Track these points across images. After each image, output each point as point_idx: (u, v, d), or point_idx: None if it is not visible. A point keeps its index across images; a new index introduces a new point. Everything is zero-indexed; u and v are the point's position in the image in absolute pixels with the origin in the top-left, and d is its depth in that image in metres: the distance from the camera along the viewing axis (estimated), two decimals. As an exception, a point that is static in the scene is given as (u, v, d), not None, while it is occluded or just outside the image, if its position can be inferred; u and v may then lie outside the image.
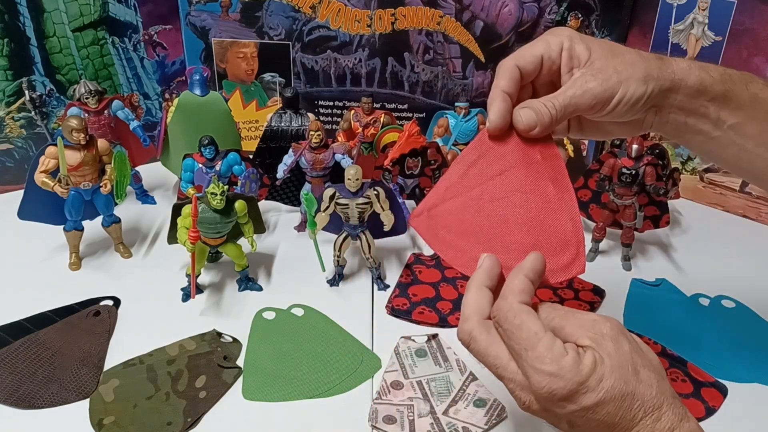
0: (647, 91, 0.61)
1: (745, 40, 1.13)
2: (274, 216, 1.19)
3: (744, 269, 1.08)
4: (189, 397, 0.80)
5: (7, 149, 1.22)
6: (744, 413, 0.81)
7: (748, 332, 0.94)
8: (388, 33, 1.26)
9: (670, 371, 0.86)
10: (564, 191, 0.61)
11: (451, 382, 0.83)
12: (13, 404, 0.79)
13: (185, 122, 1.15)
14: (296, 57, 1.29)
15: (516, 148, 0.62)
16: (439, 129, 1.25)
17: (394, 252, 1.09)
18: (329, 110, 1.34)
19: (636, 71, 0.61)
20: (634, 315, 0.97)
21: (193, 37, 1.28)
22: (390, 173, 1.10)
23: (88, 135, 0.96)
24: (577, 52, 0.62)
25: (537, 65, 0.63)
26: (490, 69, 1.28)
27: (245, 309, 0.96)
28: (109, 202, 1.03)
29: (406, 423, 0.77)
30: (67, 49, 1.20)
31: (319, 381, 0.84)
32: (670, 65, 0.62)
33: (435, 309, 0.96)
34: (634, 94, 0.60)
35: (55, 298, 0.95)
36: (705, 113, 0.64)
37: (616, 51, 0.62)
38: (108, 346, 0.88)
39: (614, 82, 0.60)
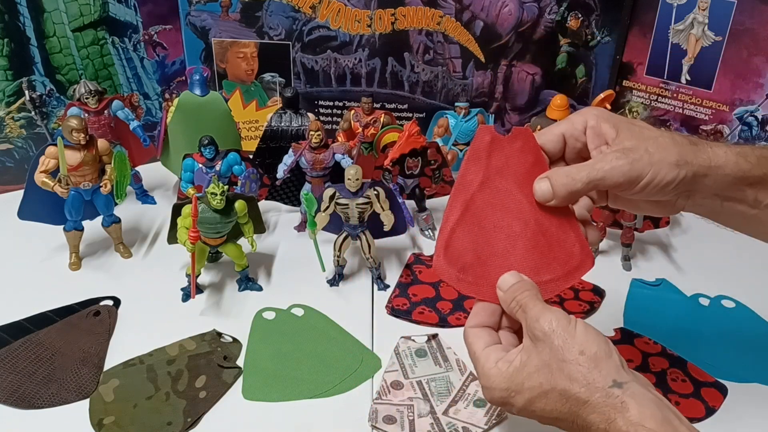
0: (679, 176, 0.59)
1: (745, 40, 1.13)
2: (274, 216, 1.19)
3: (744, 269, 1.08)
4: (189, 397, 0.80)
5: (7, 149, 1.22)
6: (744, 413, 0.81)
7: (748, 332, 0.94)
8: (388, 33, 1.26)
9: (670, 371, 0.86)
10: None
11: (451, 382, 0.83)
12: (13, 404, 0.79)
13: (185, 122, 1.15)
14: (296, 57, 1.29)
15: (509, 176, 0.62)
16: (439, 129, 1.25)
17: (394, 252, 1.09)
18: (329, 110, 1.34)
19: (669, 155, 0.59)
20: (634, 315, 0.97)
21: (193, 37, 1.28)
22: (390, 173, 1.10)
23: (88, 135, 0.96)
24: (603, 130, 0.61)
25: (559, 144, 0.63)
26: (490, 69, 1.28)
27: (245, 309, 0.96)
28: (109, 202, 1.03)
29: (406, 423, 0.77)
30: (67, 49, 1.20)
31: (319, 381, 0.84)
32: (705, 151, 0.61)
33: (435, 309, 0.96)
34: (664, 178, 0.59)
35: (55, 298, 0.95)
36: (742, 198, 0.63)
37: (647, 134, 0.61)
38: (108, 346, 0.88)
39: (645, 163, 0.59)
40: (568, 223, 0.62)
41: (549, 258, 0.61)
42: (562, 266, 0.62)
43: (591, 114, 0.63)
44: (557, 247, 0.62)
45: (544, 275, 0.61)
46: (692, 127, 1.24)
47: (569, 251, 0.62)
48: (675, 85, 1.23)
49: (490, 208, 0.62)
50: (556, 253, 0.62)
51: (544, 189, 0.60)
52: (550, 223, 0.62)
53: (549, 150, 0.63)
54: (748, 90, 1.16)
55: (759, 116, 1.16)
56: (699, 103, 1.21)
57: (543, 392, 0.54)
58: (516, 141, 0.63)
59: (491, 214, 0.62)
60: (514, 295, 0.58)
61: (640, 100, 1.27)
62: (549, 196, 0.60)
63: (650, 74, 1.25)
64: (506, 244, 0.61)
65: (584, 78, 1.29)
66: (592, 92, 1.29)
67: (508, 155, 0.63)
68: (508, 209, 0.62)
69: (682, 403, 0.81)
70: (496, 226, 0.61)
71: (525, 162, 0.62)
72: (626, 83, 1.28)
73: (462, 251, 0.60)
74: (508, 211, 0.62)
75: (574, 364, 0.53)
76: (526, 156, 0.62)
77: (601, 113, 0.62)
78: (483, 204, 0.62)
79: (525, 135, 0.63)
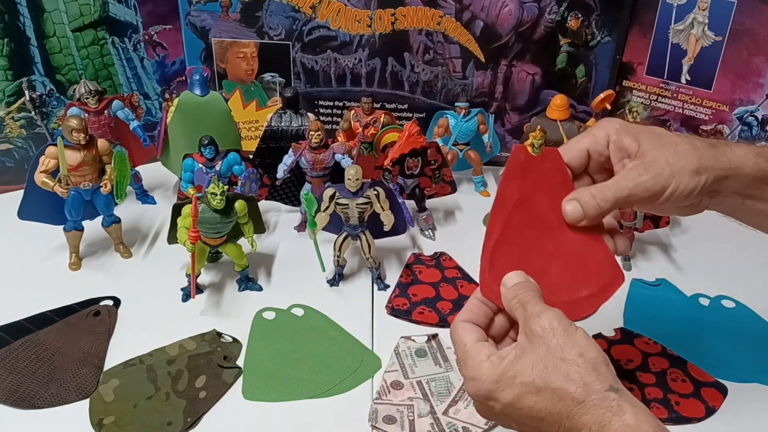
0: (700, 182, 0.60)
1: (745, 40, 1.13)
2: (274, 216, 1.19)
3: (744, 269, 1.08)
4: (189, 397, 0.80)
5: (7, 149, 1.22)
6: (744, 413, 0.81)
7: (748, 332, 0.94)
8: (388, 33, 1.26)
9: (670, 371, 0.86)
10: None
11: (451, 382, 0.83)
12: (13, 404, 0.79)
13: (185, 122, 1.15)
14: (296, 57, 1.29)
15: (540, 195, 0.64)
16: (439, 129, 1.25)
17: (394, 252, 1.09)
18: (329, 110, 1.34)
19: (688, 163, 0.60)
20: (634, 315, 0.97)
21: (193, 37, 1.28)
22: (390, 173, 1.10)
23: (88, 135, 0.96)
24: (625, 144, 0.62)
25: (583, 159, 0.64)
26: (490, 69, 1.28)
27: (245, 309, 0.96)
28: (109, 202, 1.03)
29: (406, 423, 0.77)
30: (67, 49, 1.20)
31: (319, 381, 0.84)
32: (725, 153, 0.62)
33: (435, 309, 0.96)
34: (687, 187, 0.60)
35: (55, 298, 0.95)
36: (762, 196, 0.64)
37: (667, 141, 0.61)
38: (108, 346, 0.88)
39: (667, 175, 0.60)
40: (594, 240, 0.63)
41: (582, 275, 0.62)
42: (595, 283, 0.62)
43: (612, 128, 0.63)
44: (587, 265, 0.63)
45: (581, 292, 0.62)
46: (692, 127, 1.24)
47: (600, 268, 0.63)
48: (675, 85, 1.23)
49: (525, 228, 0.63)
50: (587, 270, 0.63)
51: (574, 210, 0.61)
52: (578, 241, 0.63)
53: (574, 165, 0.64)
54: (748, 90, 1.16)
55: (759, 116, 1.16)
56: (699, 103, 1.21)
57: (535, 389, 0.53)
58: (546, 161, 0.64)
59: (527, 234, 0.63)
60: (517, 292, 0.58)
61: (640, 100, 1.27)
62: (579, 216, 0.61)
63: (650, 74, 1.25)
64: (543, 264, 0.62)
65: (584, 78, 1.29)
66: (592, 92, 1.29)
67: (540, 174, 0.64)
68: (541, 229, 0.63)
69: (682, 403, 0.81)
70: (531, 245, 0.63)
71: (554, 181, 0.64)
72: (626, 83, 1.28)
73: (505, 271, 0.61)
74: (542, 230, 0.63)
75: (572, 364, 0.52)
76: (554, 176, 0.64)
77: (621, 126, 0.63)
78: (519, 223, 0.63)
79: (554, 155, 0.64)
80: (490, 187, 1.31)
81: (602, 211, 0.61)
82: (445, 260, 1.08)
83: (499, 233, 0.62)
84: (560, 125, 1.14)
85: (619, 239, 0.65)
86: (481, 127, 1.25)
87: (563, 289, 0.61)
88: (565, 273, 0.62)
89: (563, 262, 0.62)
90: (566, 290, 0.61)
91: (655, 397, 0.82)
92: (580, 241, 0.63)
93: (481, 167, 1.28)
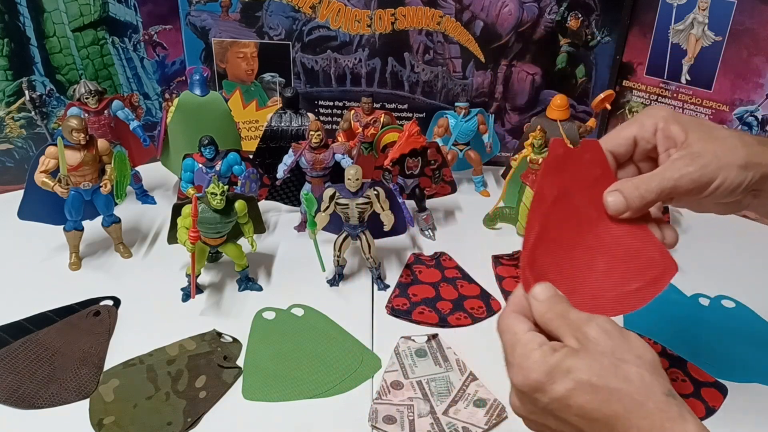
0: (747, 178, 0.59)
1: (745, 40, 1.13)
2: (274, 216, 1.19)
3: (744, 269, 1.08)
4: (189, 397, 0.80)
5: (7, 149, 1.22)
6: (744, 413, 0.81)
7: (748, 332, 0.94)
8: (388, 33, 1.26)
9: (670, 371, 0.86)
10: None
11: (451, 382, 0.83)
12: (13, 404, 0.79)
13: (185, 122, 1.15)
14: (296, 57, 1.29)
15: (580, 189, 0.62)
16: (439, 129, 1.25)
17: (394, 252, 1.09)
18: (329, 110, 1.34)
19: (737, 157, 0.59)
20: (634, 315, 0.96)
21: (193, 37, 1.28)
22: (390, 173, 1.10)
23: (88, 135, 0.96)
24: (673, 133, 0.60)
25: (629, 147, 0.63)
26: (490, 69, 1.28)
27: (245, 309, 0.96)
28: (109, 202, 1.03)
29: (406, 423, 0.77)
30: (67, 49, 1.20)
31: (319, 381, 0.84)
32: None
33: (435, 309, 0.96)
34: (734, 181, 0.59)
35: (55, 298, 0.95)
36: None
37: (715, 134, 0.60)
38: (108, 346, 0.88)
39: (713, 168, 0.58)
40: (641, 231, 0.62)
41: (630, 268, 0.61)
42: (645, 275, 0.61)
43: (660, 115, 0.62)
44: (635, 257, 0.61)
45: (631, 285, 0.60)
46: (692, 127, 1.24)
47: (649, 259, 0.61)
48: (675, 85, 1.23)
49: (566, 224, 0.61)
50: (636, 263, 0.61)
51: (617, 201, 0.60)
52: (623, 233, 0.61)
53: (619, 153, 0.63)
54: (748, 90, 1.16)
55: (759, 116, 1.16)
56: (699, 103, 1.21)
57: (591, 387, 0.49)
58: (585, 153, 0.62)
59: (568, 229, 0.61)
60: (552, 305, 0.55)
61: (640, 100, 1.27)
62: (623, 208, 0.60)
63: (650, 74, 1.25)
64: (586, 258, 0.61)
65: (584, 78, 1.29)
66: (592, 92, 1.29)
67: (578, 168, 0.62)
68: (582, 223, 0.61)
69: (682, 403, 0.81)
70: (572, 241, 0.61)
71: (593, 174, 0.62)
72: (626, 83, 1.28)
73: (546, 268, 0.60)
74: (583, 225, 0.61)
75: (631, 365, 0.50)
76: (594, 168, 0.62)
77: (670, 114, 0.61)
78: (559, 220, 0.61)
79: (593, 147, 0.63)
80: (490, 187, 1.30)
81: (646, 202, 0.59)
82: (445, 260, 1.08)
83: (538, 230, 0.60)
84: (560, 125, 1.14)
85: (667, 229, 0.63)
86: (481, 127, 1.25)
87: (611, 284, 0.60)
88: (612, 267, 0.60)
89: (609, 256, 0.60)
90: (614, 284, 0.60)
91: (655, 397, 0.82)
92: (626, 233, 0.61)
93: (481, 167, 1.28)
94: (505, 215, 1.17)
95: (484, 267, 1.06)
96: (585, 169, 0.62)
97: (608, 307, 0.59)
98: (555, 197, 0.61)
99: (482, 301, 0.99)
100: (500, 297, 1.00)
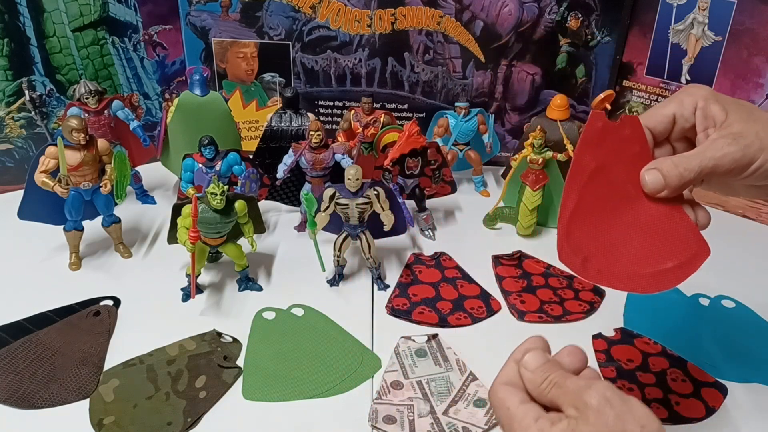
0: None
1: (745, 40, 1.13)
2: (274, 216, 1.19)
3: (744, 269, 1.08)
4: (189, 397, 0.80)
5: (7, 149, 1.22)
6: (744, 413, 0.81)
7: (748, 332, 0.94)
8: (388, 33, 1.26)
9: (670, 371, 0.86)
10: None
11: (451, 382, 0.83)
12: (13, 404, 0.79)
13: (185, 122, 1.15)
14: (296, 57, 1.29)
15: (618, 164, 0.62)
16: (439, 129, 1.25)
17: (394, 252, 1.09)
18: (329, 110, 1.34)
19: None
20: (634, 315, 0.97)
21: (193, 37, 1.28)
22: (390, 173, 1.10)
23: (88, 135, 0.96)
24: (713, 112, 0.60)
25: (668, 125, 0.62)
26: (490, 69, 1.28)
27: (245, 309, 0.96)
28: (109, 202, 1.03)
29: (406, 423, 0.77)
30: (67, 49, 1.20)
31: (319, 381, 0.84)
32: None
33: (435, 309, 0.96)
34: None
35: (55, 298, 0.95)
36: None
37: (757, 115, 0.59)
38: (108, 346, 0.88)
39: (756, 148, 0.57)
40: (676, 211, 0.61)
41: (666, 247, 0.60)
42: (679, 255, 0.61)
43: (700, 94, 0.60)
44: (671, 236, 0.61)
45: (666, 263, 0.60)
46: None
47: (684, 239, 0.61)
48: (675, 85, 1.23)
49: (602, 198, 0.61)
50: (671, 242, 0.61)
51: (655, 180, 0.59)
52: (659, 212, 0.61)
53: (658, 131, 0.62)
54: (748, 90, 1.16)
55: (759, 116, 1.16)
56: (699, 103, 1.21)
57: None
58: (624, 128, 0.61)
59: (604, 204, 0.61)
60: (545, 374, 0.54)
61: (640, 100, 1.27)
62: (660, 186, 0.59)
63: (650, 74, 1.25)
64: (622, 234, 0.60)
65: (584, 78, 1.29)
66: (592, 92, 1.29)
67: (617, 143, 0.61)
68: (619, 198, 0.61)
69: (682, 403, 0.81)
70: (610, 216, 0.61)
71: (631, 150, 0.61)
72: (626, 83, 1.28)
73: (582, 241, 0.59)
74: (619, 200, 0.61)
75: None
76: (632, 145, 0.61)
77: (710, 93, 0.60)
78: (595, 193, 0.61)
79: (633, 123, 0.62)
80: (490, 187, 1.31)
81: (685, 181, 0.58)
82: (445, 260, 1.08)
83: (575, 202, 0.60)
84: (560, 125, 1.14)
85: (701, 211, 0.62)
86: (481, 127, 1.25)
87: (646, 261, 0.59)
88: (647, 244, 0.60)
89: (645, 234, 0.60)
90: (650, 262, 0.59)
91: (655, 397, 0.82)
92: (661, 213, 0.61)
93: (481, 167, 1.28)
94: (505, 215, 1.17)
95: (484, 267, 1.07)
96: (624, 144, 0.61)
97: (644, 284, 0.59)
98: (593, 170, 0.60)
99: (482, 301, 0.99)
100: (500, 297, 1.00)
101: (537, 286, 1.02)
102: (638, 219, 0.61)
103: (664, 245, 0.60)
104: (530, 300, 0.99)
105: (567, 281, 1.03)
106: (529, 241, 1.14)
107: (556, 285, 1.02)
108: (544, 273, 1.05)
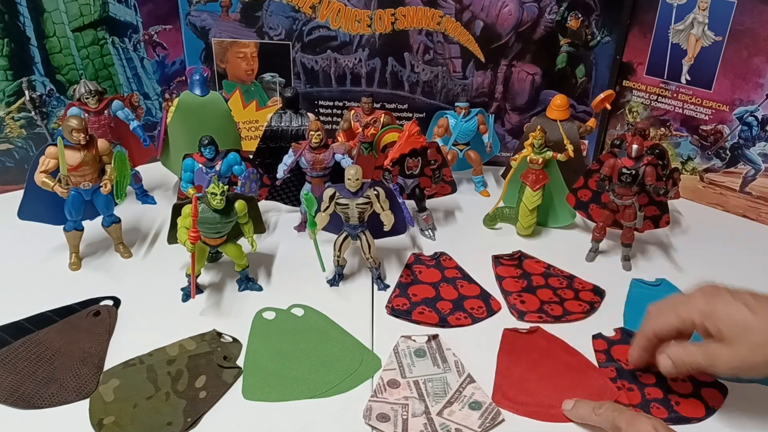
0: None
1: (745, 40, 1.13)
2: (274, 216, 1.19)
3: (744, 269, 1.07)
4: (189, 397, 0.80)
5: (7, 149, 1.22)
6: (744, 413, 0.81)
7: (748, 332, 0.94)
8: (388, 33, 1.26)
9: (669, 371, 0.86)
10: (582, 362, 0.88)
11: (448, 384, 0.83)
12: (13, 404, 0.79)
13: (185, 122, 1.15)
14: (296, 57, 1.29)
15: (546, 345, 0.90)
16: (439, 129, 1.25)
17: (394, 252, 1.09)
18: (329, 110, 1.34)
19: None
20: (634, 315, 0.97)
21: (193, 37, 1.28)
22: (390, 173, 1.10)
23: (88, 135, 0.96)
24: (710, 331, 0.74)
25: (673, 333, 0.79)
26: (490, 69, 1.28)
27: (245, 309, 0.96)
28: (109, 202, 1.03)
29: (400, 422, 0.77)
30: (67, 49, 1.20)
31: (319, 381, 0.84)
32: None
33: (435, 309, 0.96)
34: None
35: (55, 298, 0.96)
36: None
37: (749, 324, 0.71)
38: (108, 346, 0.88)
39: (753, 357, 0.71)
40: (586, 365, 0.87)
41: (575, 383, 0.83)
42: (588, 390, 0.82)
43: (696, 310, 0.75)
44: (584, 380, 0.84)
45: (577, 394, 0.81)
46: (692, 127, 1.24)
47: (593, 383, 0.84)
48: (675, 85, 1.23)
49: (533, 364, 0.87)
50: (583, 384, 0.84)
51: (668, 365, 0.78)
52: (572, 368, 0.86)
53: (664, 337, 0.79)
54: (748, 90, 1.16)
55: (759, 116, 1.16)
56: (699, 103, 1.21)
57: None
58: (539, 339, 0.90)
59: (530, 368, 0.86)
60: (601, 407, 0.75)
61: (640, 100, 1.27)
62: (672, 372, 0.78)
63: (650, 74, 1.25)
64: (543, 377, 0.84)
65: (584, 78, 1.29)
66: (592, 92, 1.29)
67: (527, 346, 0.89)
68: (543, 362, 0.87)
69: (682, 403, 0.81)
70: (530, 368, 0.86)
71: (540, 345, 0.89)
72: (626, 83, 1.28)
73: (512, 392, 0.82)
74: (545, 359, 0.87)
75: None
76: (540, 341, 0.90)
77: (705, 309, 0.74)
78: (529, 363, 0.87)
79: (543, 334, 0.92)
80: (490, 187, 1.31)
81: (690, 372, 0.77)
82: (445, 260, 1.08)
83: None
84: (560, 125, 1.14)
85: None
86: (481, 127, 1.25)
87: (564, 389, 0.82)
88: (562, 382, 0.84)
89: (561, 377, 0.84)
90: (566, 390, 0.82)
91: (655, 397, 0.82)
92: (573, 369, 0.86)
93: (481, 167, 1.28)
94: (505, 215, 1.17)
95: (484, 267, 1.07)
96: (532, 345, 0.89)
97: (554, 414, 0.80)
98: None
99: (482, 301, 0.99)
100: (500, 297, 1.00)
101: (537, 286, 1.02)
102: (557, 370, 0.85)
103: (573, 384, 0.83)
104: (530, 300, 0.99)
105: (567, 281, 1.03)
106: (529, 241, 1.14)
107: (556, 285, 1.02)
108: (544, 273, 1.05)
